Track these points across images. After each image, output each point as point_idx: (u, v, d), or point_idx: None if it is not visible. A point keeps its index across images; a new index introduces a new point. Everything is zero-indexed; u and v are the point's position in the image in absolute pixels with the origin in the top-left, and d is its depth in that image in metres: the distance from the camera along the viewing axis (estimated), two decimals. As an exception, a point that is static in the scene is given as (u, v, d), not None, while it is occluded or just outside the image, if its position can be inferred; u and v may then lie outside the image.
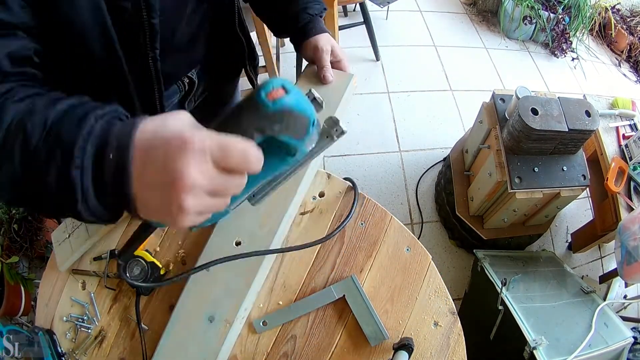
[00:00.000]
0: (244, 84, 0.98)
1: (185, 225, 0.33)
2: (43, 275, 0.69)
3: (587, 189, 1.31)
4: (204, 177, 0.31)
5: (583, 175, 1.23)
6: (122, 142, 0.32)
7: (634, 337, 1.03)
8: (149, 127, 0.32)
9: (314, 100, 0.48)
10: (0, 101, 0.37)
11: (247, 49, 0.80)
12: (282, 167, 0.41)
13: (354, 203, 0.65)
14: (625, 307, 1.47)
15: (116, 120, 0.35)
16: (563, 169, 1.23)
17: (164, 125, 0.32)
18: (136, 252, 0.64)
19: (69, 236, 0.69)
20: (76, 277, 0.68)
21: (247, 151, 0.32)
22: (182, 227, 0.33)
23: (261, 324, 0.60)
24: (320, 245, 0.65)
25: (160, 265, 0.63)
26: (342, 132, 0.46)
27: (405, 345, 0.55)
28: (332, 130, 0.46)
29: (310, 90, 0.48)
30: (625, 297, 1.49)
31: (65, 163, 0.32)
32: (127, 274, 0.62)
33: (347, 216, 0.64)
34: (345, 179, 0.70)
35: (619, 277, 1.17)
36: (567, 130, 1.11)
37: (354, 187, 0.67)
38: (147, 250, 0.64)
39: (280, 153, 0.40)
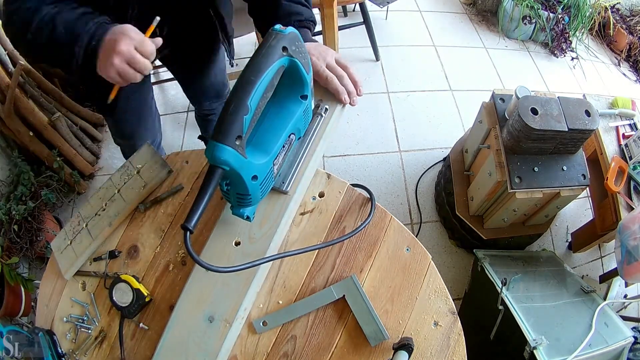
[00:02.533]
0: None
1: (110, 74, 0.63)
2: (43, 276, 0.69)
3: (587, 188, 1.30)
4: (127, 51, 0.61)
5: (583, 174, 1.23)
6: (100, 38, 0.62)
7: (634, 336, 1.03)
8: (110, 33, 0.62)
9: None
10: (38, 5, 0.63)
11: (219, 27, 0.95)
12: (298, 110, 0.59)
13: (371, 212, 0.65)
14: (625, 307, 1.47)
15: (101, 26, 0.63)
16: (563, 169, 1.23)
17: (119, 29, 0.63)
18: (123, 277, 0.64)
19: (70, 242, 0.69)
20: (76, 278, 0.68)
21: (146, 41, 0.64)
22: (108, 74, 0.63)
23: (261, 324, 0.60)
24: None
25: (146, 293, 0.63)
26: (326, 109, 0.66)
27: (405, 345, 0.55)
28: (316, 109, 0.66)
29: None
30: (625, 296, 1.48)
31: (73, 44, 0.62)
32: (114, 297, 0.63)
33: (366, 219, 0.64)
34: (357, 185, 0.70)
35: (619, 277, 1.17)
36: (566, 129, 1.11)
37: (371, 198, 0.67)
38: (134, 277, 0.64)
39: (295, 93, 0.59)
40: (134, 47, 0.62)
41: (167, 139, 1.89)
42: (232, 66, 1.24)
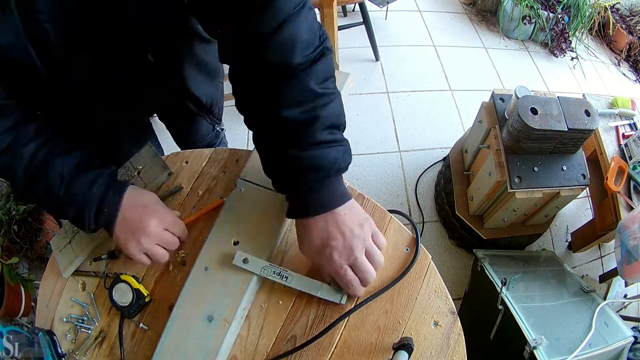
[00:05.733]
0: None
1: (136, 256, 0.59)
2: (43, 276, 0.69)
3: (587, 188, 1.30)
4: (157, 233, 0.59)
5: (583, 174, 1.23)
6: (112, 207, 0.57)
7: (634, 336, 1.03)
8: (128, 198, 0.58)
9: None
10: (12, 148, 0.52)
11: (207, 118, 0.88)
12: None
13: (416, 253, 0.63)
14: (625, 307, 1.47)
15: (110, 187, 0.57)
16: (563, 169, 1.23)
17: (139, 198, 0.60)
18: (123, 277, 0.64)
19: (70, 241, 0.68)
20: (76, 278, 0.68)
21: (182, 226, 0.63)
22: (133, 255, 0.58)
23: (242, 260, 0.59)
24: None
25: (146, 293, 0.63)
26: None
27: (405, 345, 0.55)
28: None
29: None
30: (625, 296, 1.48)
31: (80, 211, 0.56)
32: (114, 297, 0.63)
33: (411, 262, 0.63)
34: (394, 211, 0.67)
35: (619, 277, 1.17)
36: (566, 129, 1.11)
37: (416, 233, 0.65)
38: (134, 277, 0.64)
39: None
40: (163, 229, 0.59)
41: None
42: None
